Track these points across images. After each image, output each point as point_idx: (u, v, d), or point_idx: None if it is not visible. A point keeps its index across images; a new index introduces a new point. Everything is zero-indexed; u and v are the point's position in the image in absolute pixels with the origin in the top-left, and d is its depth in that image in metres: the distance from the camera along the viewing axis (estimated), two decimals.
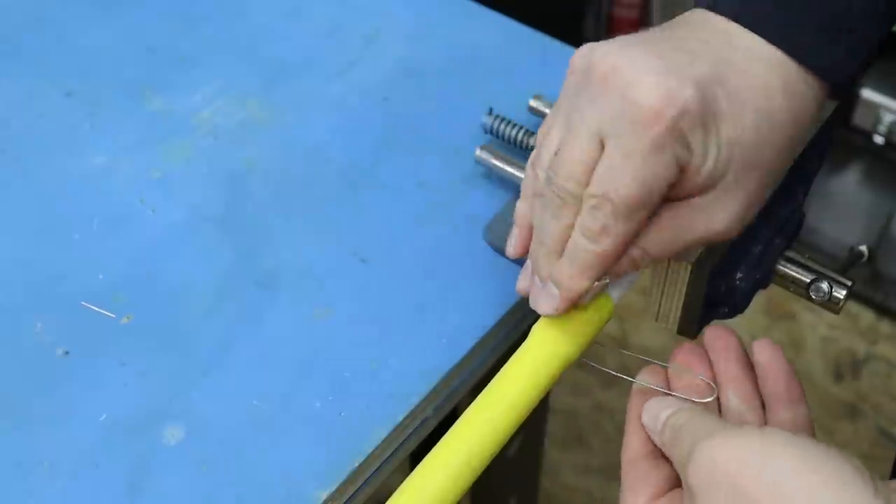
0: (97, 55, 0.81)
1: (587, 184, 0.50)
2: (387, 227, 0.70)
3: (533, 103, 0.74)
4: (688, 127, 0.48)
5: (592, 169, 0.50)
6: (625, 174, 0.49)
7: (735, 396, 0.54)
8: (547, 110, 0.73)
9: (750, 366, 0.55)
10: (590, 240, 0.50)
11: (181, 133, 0.75)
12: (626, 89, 0.48)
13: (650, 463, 0.52)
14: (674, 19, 0.54)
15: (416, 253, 0.68)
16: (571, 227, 0.51)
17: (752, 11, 0.51)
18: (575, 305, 0.53)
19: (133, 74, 0.79)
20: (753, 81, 0.50)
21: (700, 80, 0.49)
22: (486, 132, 0.73)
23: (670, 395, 0.53)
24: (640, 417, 0.52)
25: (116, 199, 0.71)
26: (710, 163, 0.50)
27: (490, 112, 0.72)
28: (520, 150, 0.72)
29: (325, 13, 0.84)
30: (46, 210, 0.70)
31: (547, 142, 0.53)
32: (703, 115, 0.49)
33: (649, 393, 0.54)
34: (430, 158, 0.74)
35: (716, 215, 0.51)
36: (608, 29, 1.93)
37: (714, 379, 0.55)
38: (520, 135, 0.71)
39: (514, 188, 0.71)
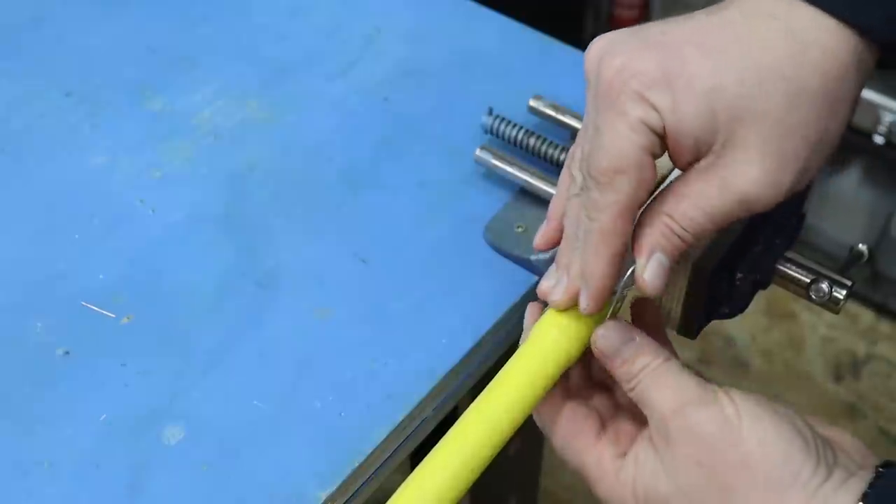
0: (97, 55, 0.81)
1: None
2: (387, 227, 0.70)
3: (533, 103, 0.74)
4: (645, 87, 0.48)
5: None
6: (597, 146, 0.50)
7: None
8: (547, 110, 0.73)
9: None
10: (589, 218, 0.51)
11: (181, 133, 0.75)
12: (597, 71, 0.51)
13: (583, 403, 0.54)
14: None
15: (416, 253, 0.68)
16: None
17: None
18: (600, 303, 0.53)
19: (133, 74, 0.79)
20: (743, 34, 0.49)
21: (660, 43, 0.49)
22: (486, 132, 0.73)
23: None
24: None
25: (116, 199, 0.71)
26: (688, 117, 0.48)
27: (490, 112, 0.72)
28: (520, 150, 0.72)
29: (326, 13, 0.84)
30: (46, 210, 0.71)
31: (579, 140, 0.55)
32: (665, 74, 0.48)
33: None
34: (430, 158, 0.74)
35: (739, 175, 0.49)
36: (608, 29, 1.93)
37: None
38: (520, 135, 0.71)
39: (514, 188, 0.71)
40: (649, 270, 0.51)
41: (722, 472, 0.47)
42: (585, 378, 0.57)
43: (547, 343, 0.53)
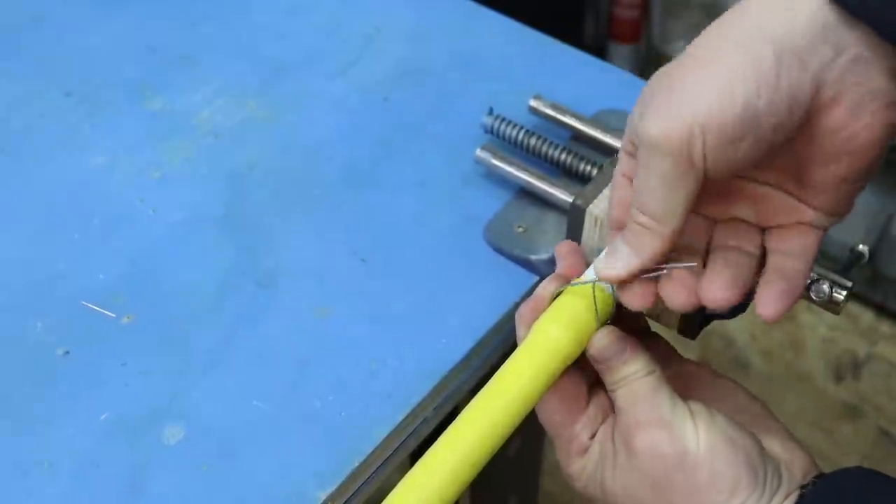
0: (97, 55, 0.81)
1: None
2: (387, 227, 0.70)
3: (533, 103, 0.74)
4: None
5: None
6: None
7: None
8: (547, 110, 0.73)
9: None
10: None
11: (181, 133, 0.75)
12: None
13: (574, 375, 0.55)
14: None
15: (416, 253, 0.68)
16: None
17: None
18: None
19: (133, 74, 0.79)
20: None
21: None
22: (486, 132, 0.73)
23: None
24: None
25: (116, 199, 0.71)
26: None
27: (490, 112, 0.72)
28: (520, 150, 0.72)
29: (326, 12, 0.84)
30: (46, 210, 0.70)
31: None
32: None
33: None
34: (430, 158, 0.74)
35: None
36: (608, 29, 1.93)
37: None
38: (520, 135, 0.71)
39: (514, 188, 0.71)
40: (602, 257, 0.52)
41: (673, 493, 0.51)
42: None
43: (549, 341, 0.53)
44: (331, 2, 0.85)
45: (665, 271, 0.51)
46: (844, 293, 0.58)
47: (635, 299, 0.52)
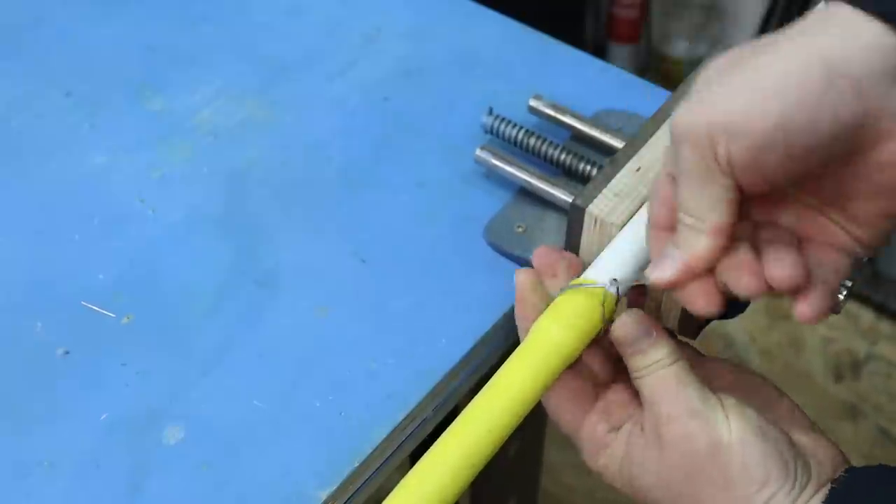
0: (97, 55, 0.81)
1: None
2: (387, 227, 0.70)
3: (533, 103, 0.74)
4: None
5: None
6: None
7: None
8: (547, 110, 0.73)
9: None
10: None
11: (181, 133, 0.75)
12: None
13: (578, 372, 0.55)
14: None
15: (415, 253, 0.68)
16: None
17: None
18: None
19: (133, 74, 0.79)
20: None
21: None
22: (486, 132, 0.73)
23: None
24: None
25: (116, 199, 0.71)
26: None
27: (490, 112, 0.72)
28: (520, 150, 0.72)
29: (325, 12, 0.84)
30: (46, 210, 0.70)
31: None
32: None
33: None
34: (430, 158, 0.74)
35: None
36: (608, 29, 1.93)
37: None
38: (520, 135, 0.71)
39: (514, 188, 0.71)
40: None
41: (704, 484, 0.51)
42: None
43: (548, 340, 0.53)
44: (331, 2, 0.85)
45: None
46: (844, 293, 0.58)
47: (699, 301, 0.50)
